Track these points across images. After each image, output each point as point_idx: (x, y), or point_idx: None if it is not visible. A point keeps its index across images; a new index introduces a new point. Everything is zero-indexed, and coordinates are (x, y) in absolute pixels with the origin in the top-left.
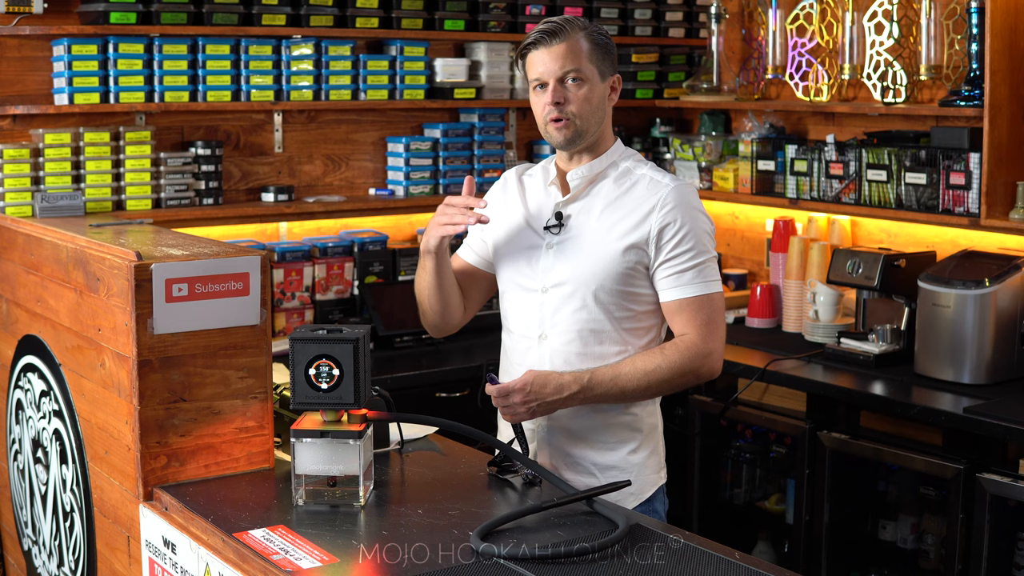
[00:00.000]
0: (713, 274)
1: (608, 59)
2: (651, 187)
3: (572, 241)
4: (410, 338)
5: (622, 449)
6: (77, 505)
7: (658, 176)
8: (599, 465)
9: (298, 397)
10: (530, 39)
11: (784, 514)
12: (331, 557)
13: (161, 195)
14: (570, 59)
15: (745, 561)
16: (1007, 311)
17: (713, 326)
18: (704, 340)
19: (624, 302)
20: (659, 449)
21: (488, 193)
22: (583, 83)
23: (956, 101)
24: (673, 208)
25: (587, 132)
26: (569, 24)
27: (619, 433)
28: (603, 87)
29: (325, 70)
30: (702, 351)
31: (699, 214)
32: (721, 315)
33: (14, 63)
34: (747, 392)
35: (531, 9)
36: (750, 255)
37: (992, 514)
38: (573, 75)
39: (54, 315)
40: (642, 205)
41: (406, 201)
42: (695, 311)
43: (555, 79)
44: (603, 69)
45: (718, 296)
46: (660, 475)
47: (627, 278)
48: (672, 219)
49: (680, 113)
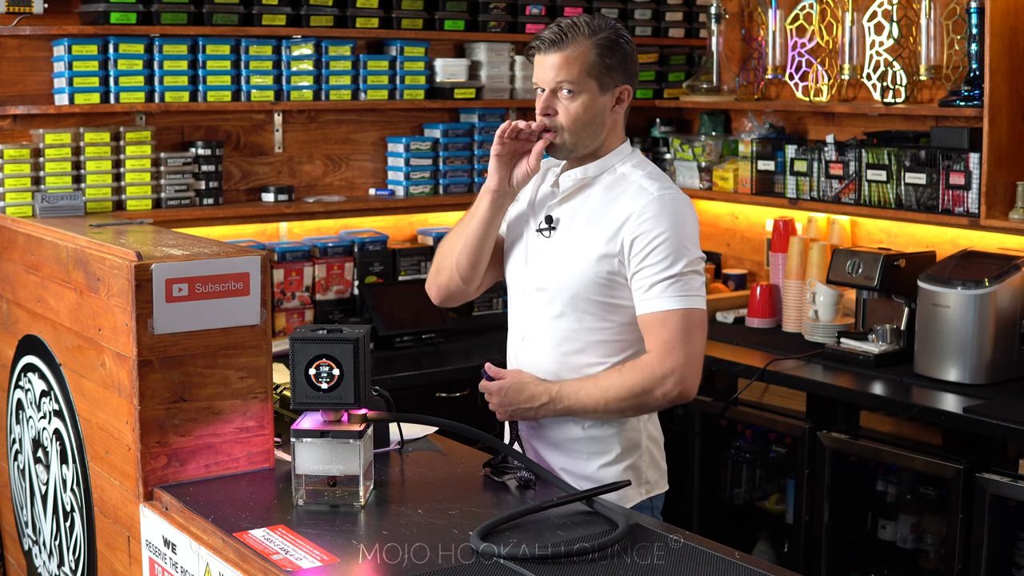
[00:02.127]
0: (690, 288)
1: (618, 69)
2: (635, 194)
3: (556, 246)
4: (410, 338)
5: (595, 461)
6: (77, 505)
7: (647, 184)
8: (570, 473)
9: (298, 397)
10: (533, 42)
11: (784, 514)
12: (331, 557)
13: (161, 195)
14: (565, 70)
15: (745, 561)
16: (1007, 311)
17: (677, 344)
18: (661, 361)
19: (604, 313)
20: (639, 465)
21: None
22: (576, 96)
23: (956, 101)
24: (651, 218)
25: (577, 145)
26: (576, 31)
27: (593, 445)
28: (604, 100)
29: (325, 70)
30: (657, 374)
31: (682, 225)
32: (692, 333)
33: (14, 63)
34: (747, 392)
35: (531, 9)
36: (750, 255)
37: (992, 514)
38: (567, 87)
39: (54, 315)
40: (622, 212)
41: (406, 201)
42: (658, 327)
43: (549, 88)
44: (606, 81)
45: (695, 313)
46: (639, 491)
47: (605, 289)
48: (647, 229)
49: (680, 113)
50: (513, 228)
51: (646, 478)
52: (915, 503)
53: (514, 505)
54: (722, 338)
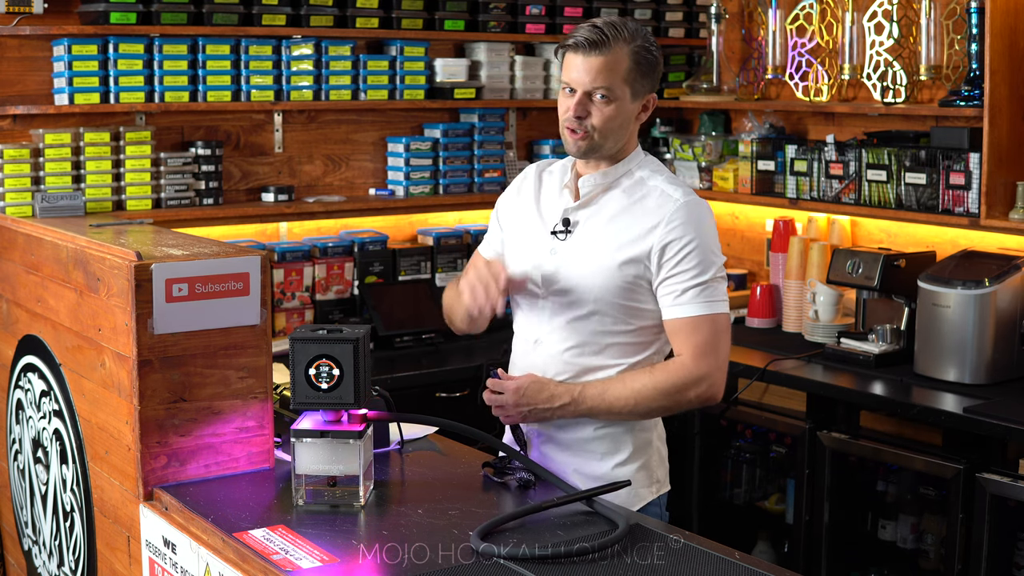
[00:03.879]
0: (717, 295)
1: (649, 78)
2: (660, 200)
3: (576, 249)
4: (410, 338)
5: (609, 461)
6: (77, 505)
7: (670, 189)
8: (584, 474)
9: (298, 397)
10: (572, 40)
11: (784, 514)
12: (331, 557)
13: (161, 195)
14: (604, 75)
15: (745, 561)
16: (1007, 311)
17: (709, 348)
18: (696, 363)
19: (624, 316)
20: (651, 464)
21: (502, 196)
22: (611, 102)
23: (956, 101)
24: (680, 224)
25: (604, 147)
26: (617, 35)
27: (606, 444)
28: (634, 106)
29: (325, 70)
30: (693, 375)
31: (707, 232)
32: (722, 338)
33: (14, 63)
34: (747, 392)
35: (531, 9)
36: (750, 255)
37: (992, 514)
38: (602, 92)
39: (54, 315)
40: (649, 218)
41: (406, 201)
42: (691, 331)
43: (583, 91)
44: (638, 88)
45: (722, 318)
46: (651, 490)
47: (628, 292)
48: (677, 236)
49: (680, 113)
50: (520, 232)
51: (657, 477)
52: (915, 503)
53: (514, 505)
54: None
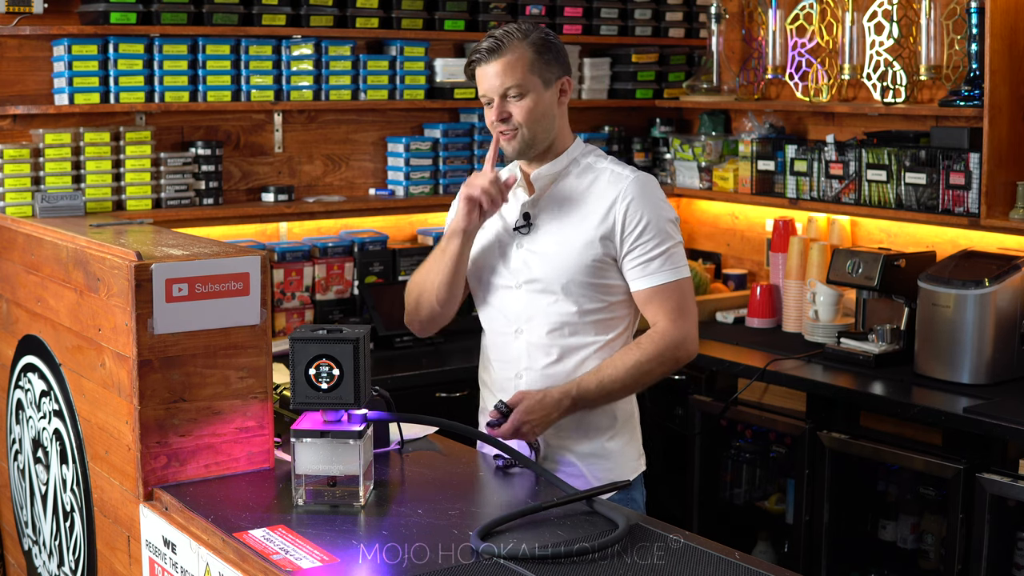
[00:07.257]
0: (679, 260)
1: (555, 64)
2: (612, 180)
3: (541, 239)
4: (410, 338)
5: (600, 437)
6: (77, 505)
7: (619, 169)
8: (577, 453)
9: (298, 397)
10: (474, 56)
11: (784, 514)
12: (331, 557)
13: (161, 195)
14: (509, 74)
15: (745, 561)
16: (1007, 311)
17: (683, 311)
18: (676, 326)
19: (596, 294)
20: (636, 437)
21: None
22: (525, 95)
23: (956, 101)
24: (635, 199)
25: (536, 140)
26: (510, 36)
27: (595, 421)
28: (549, 93)
29: (325, 70)
30: (676, 338)
31: (661, 203)
32: (690, 299)
33: (14, 63)
34: (747, 392)
35: (531, 9)
36: (750, 255)
37: (992, 514)
38: (514, 90)
39: (54, 315)
40: (604, 198)
41: (406, 201)
42: (665, 298)
43: (498, 96)
44: (547, 76)
45: (686, 281)
46: (639, 462)
47: (596, 270)
48: (634, 209)
49: (680, 113)
50: (485, 237)
51: (640, 451)
52: (915, 503)
53: (514, 505)
54: (722, 338)
